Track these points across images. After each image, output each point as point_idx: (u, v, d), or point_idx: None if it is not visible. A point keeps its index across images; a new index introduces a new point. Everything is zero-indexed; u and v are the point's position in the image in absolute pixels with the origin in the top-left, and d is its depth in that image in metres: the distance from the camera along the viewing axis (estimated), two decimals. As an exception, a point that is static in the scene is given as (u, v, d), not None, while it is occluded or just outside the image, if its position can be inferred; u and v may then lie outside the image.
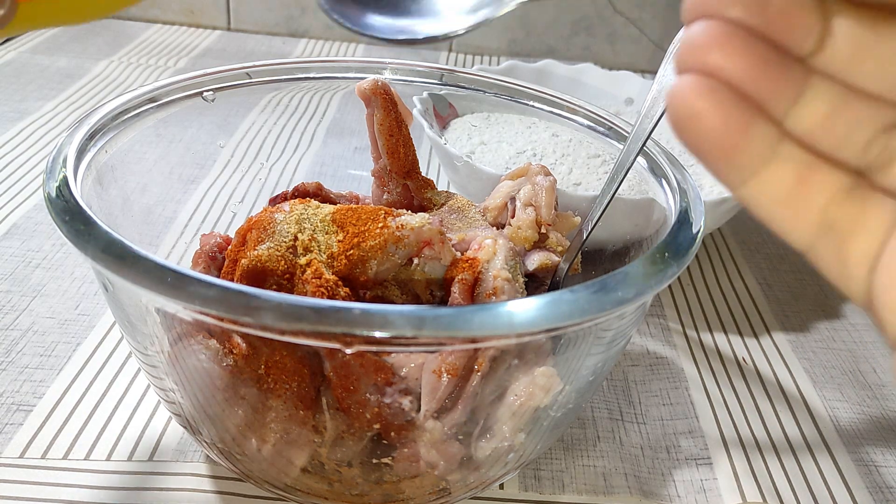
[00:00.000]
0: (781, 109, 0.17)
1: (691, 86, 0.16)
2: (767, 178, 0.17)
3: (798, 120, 0.17)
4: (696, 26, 0.16)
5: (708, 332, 0.51)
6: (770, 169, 0.17)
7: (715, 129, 0.16)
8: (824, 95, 0.17)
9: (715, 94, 0.16)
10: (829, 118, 0.17)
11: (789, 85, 0.17)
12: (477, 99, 0.48)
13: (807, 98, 0.17)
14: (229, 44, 0.96)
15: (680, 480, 0.39)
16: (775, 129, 0.17)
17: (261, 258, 0.32)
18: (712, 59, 0.16)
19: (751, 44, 0.16)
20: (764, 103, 0.17)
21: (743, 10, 0.16)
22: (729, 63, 0.16)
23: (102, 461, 0.37)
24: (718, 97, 0.16)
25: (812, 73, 0.17)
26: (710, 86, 0.16)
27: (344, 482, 0.31)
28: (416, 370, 0.29)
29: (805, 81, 0.17)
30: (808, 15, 0.16)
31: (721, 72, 0.16)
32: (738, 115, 0.16)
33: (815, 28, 0.16)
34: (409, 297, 0.33)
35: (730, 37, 0.16)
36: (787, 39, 0.16)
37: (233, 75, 0.41)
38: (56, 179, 0.29)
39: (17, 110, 0.71)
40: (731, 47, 0.16)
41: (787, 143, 0.17)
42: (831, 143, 0.17)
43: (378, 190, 0.41)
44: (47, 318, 0.45)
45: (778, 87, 0.17)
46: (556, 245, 0.37)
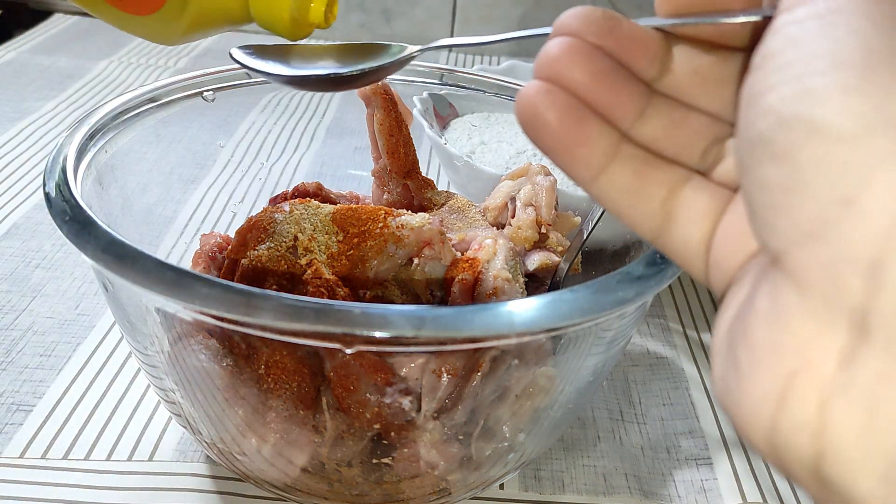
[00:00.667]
0: (626, 119, 0.20)
1: (534, 88, 0.19)
2: (612, 175, 0.20)
3: (643, 130, 0.20)
4: (553, 41, 0.19)
5: (708, 332, 0.51)
6: (613, 167, 0.20)
7: (551, 125, 0.19)
8: (666, 111, 0.20)
9: (551, 95, 0.19)
10: (670, 130, 0.20)
11: (632, 99, 0.20)
12: (477, 99, 0.48)
13: (650, 112, 0.20)
14: (229, 44, 0.96)
15: (680, 480, 0.39)
16: (615, 131, 0.19)
17: (261, 258, 0.32)
18: (556, 68, 0.19)
19: (594, 60, 0.19)
20: (604, 111, 0.19)
21: (596, 33, 0.19)
22: (570, 72, 0.19)
23: (102, 461, 0.37)
24: (554, 98, 0.19)
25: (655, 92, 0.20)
26: (549, 89, 0.19)
27: (344, 482, 0.31)
28: (416, 370, 0.29)
29: (649, 99, 0.20)
30: (651, 42, 0.20)
31: (562, 80, 0.19)
32: (574, 114, 0.19)
33: (657, 56, 0.20)
34: (409, 297, 0.33)
35: (576, 52, 0.19)
36: (633, 63, 0.20)
37: (233, 75, 0.41)
38: (56, 179, 0.29)
39: (17, 110, 0.71)
40: (574, 60, 0.19)
41: (628, 145, 0.20)
42: (673, 150, 0.20)
43: (378, 190, 0.41)
44: (47, 318, 0.45)
45: (619, 98, 0.19)
46: (556, 245, 0.37)
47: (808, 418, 0.15)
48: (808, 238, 0.15)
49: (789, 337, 0.15)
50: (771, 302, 0.16)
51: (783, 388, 0.15)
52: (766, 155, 0.15)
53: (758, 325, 0.16)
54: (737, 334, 0.17)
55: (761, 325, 0.16)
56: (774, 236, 0.15)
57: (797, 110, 0.15)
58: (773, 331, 0.15)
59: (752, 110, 0.16)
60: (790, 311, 0.15)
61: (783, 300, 0.15)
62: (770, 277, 0.16)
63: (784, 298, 0.15)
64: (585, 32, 0.19)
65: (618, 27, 0.19)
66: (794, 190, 0.15)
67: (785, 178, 0.15)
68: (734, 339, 0.17)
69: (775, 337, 0.15)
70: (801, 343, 0.15)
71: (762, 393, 0.15)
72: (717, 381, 0.17)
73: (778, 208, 0.15)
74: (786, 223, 0.15)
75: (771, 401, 0.15)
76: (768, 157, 0.15)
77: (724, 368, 0.17)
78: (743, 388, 0.16)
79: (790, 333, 0.15)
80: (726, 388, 0.17)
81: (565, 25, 0.19)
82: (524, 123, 0.19)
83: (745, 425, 0.16)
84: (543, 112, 0.19)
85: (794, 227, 0.15)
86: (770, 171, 0.15)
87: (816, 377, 0.15)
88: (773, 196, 0.15)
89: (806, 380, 0.15)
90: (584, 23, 0.19)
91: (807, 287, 0.15)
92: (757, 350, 0.16)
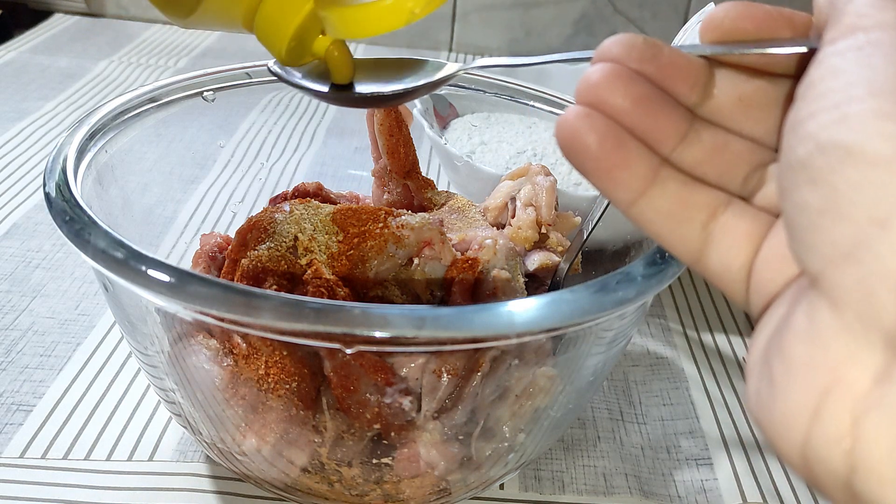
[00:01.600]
0: (667, 144, 0.20)
1: (574, 113, 0.19)
2: (651, 198, 0.20)
3: (684, 155, 0.20)
4: (594, 67, 0.20)
5: (708, 332, 0.51)
6: (653, 191, 0.20)
7: (590, 149, 0.19)
8: (708, 136, 0.20)
9: (591, 119, 0.19)
10: (712, 155, 0.20)
11: (672, 124, 0.20)
12: (477, 99, 0.48)
13: (692, 137, 0.20)
14: (229, 44, 0.96)
15: (680, 481, 0.39)
16: (655, 156, 0.20)
17: (261, 258, 0.32)
18: (597, 93, 0.19)
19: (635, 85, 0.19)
20: (645, 135, 0.20)
21: (637, 59, 0.19)
22: (610, 98, 0.19)
23: (102, 461, 0.37)
24: (594, 123, 0.19)
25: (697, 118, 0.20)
26: (589, 113, 0.19)
27: (344, 482, 0.31)
28: (416, 370, 0.29)
29: (690, 124, 0.20)
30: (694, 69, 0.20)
31: (602, 105, 0.19)
32: (614, 138, 0.19)
33: (699, 81, 0.20)
34: (409, 297, 0.33)
35: (617, 77, 0.19)
36: (674, 89, 0.20)
37: (233, 75, 0.41)
38: (56, 179, 0.29)
39: (17, 110, 0.71)
40: (615, 86, 0.19)
41: (669, 169, 0.20)
42: (714, 175, 0.21)
43: (378, 190, 0.41)
44: (47, 318, 0.45)
45: (659, 123, 0.20)
46: (556, 245, 0.37)
47: (842, 433, 0.15)
48: (844, 258, 0.15)
49: (825, 354, 0.16)
50: (808, 320, 0.16)
51: (818, 402, 0.16)
52: (804, 179, 0.16)
53: (795, 342, 0.16)
54: (773, 350, 0.17)
55: (798, 342, 0.16)
56: (812, 257, 0.16)
57: (834, 136, 0.15)
58: (810, 348, 0.16)
59: (793, 136, 0.16)
60: (827, 329, 0.16)
61: (820, 318, 0.16)
62: (808, 297, 0.16)
63: (821, 317, 0.16)
64: (626, 59, 0.19)
65: (659, 53, 0.20)
66: (830, 212, 0.15)
67: (822, 200, 0.15)
68: (770, 356, 0.17)
69: (811, 353, 0.16)
70: (836, 360, 0.15)
71: (797, 407, 0.16)
72: (752, 396, 0.18)
73: (815, 230, 0.16)
74: (822, 244, 0.16)
75: (805, 415, 0.16)
76: (806, 180, 0.16)
77: (758, 383, 0.18)
78: (777, 402, 0.17)
79: (826, 350, 0.15)
80: (760, 403, 0.17)
81: (606, 51, 0.20)
82: (564, 147, 0.20)
83: (777, 438, 0.17)
84: (583, 136, 0.19)
85: (830, 248, 0.15)
86: (808, 194, 0.16)
87: (851, 393, 0.15)
88: (811, 218, 0.16)
89: (840, 395, 0.15)
90: (625, 49, 0.20)
91: (842, 306, 0.15)
92: (793, 366, 0.16)
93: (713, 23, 0.20)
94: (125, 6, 1.00)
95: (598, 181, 0.20)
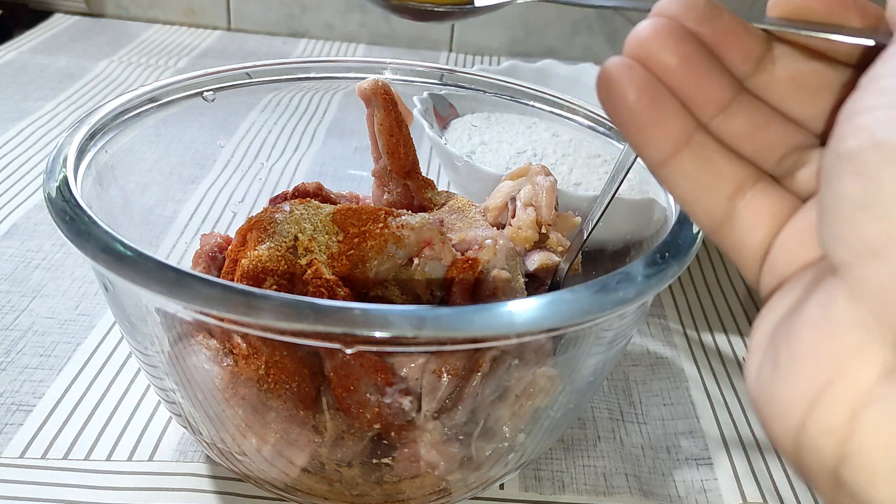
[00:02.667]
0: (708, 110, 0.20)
1: (617, 62, 0.19)
2: (681, 161, 0.19)
3: (725, 125, 0.20)
4: (647, 21, 0.19)
5: (708, 332, 0.51)
6: (684, 154, 0.19)
7: (627, 100, 0.19)
8: (751, 110, 0.20)
9: (632, 71, 0.19)
10: (752, 130, 0.20)
11: (718, 91, 0.19)
12: (477, 99, 0.48)
13: (735, 109, 0.20)
14: (229, 44, 0.96)
15: (680, 481, 0.39)
16: (691, 118, 0.19)
17: (261, 258, 0.32)
18: (646, 48, 0.19)
19: (686, 44, 0.19)
20: (687, 97, 0.19)
21: (696, 20, 0.19)
22: (658, 53, 0.19)
23: (102, 461, 0.37)
24: (635, 75, 0.19)
25: (744, 90, 0.20)
26: (631, 65, 0.19)
27: (344, 482, 0.31)
28: (416, 370, 0.29)
29: (736, 95, 0.20)
30: (752, 39, 0.20)
31: (649, 59, 0.19)
32: (651, 93, 0.19)
33: (754, 53, 0.20)
34: (409, 297, 0.33)
35: (669, 33, 0.19)
36: (727, 56, 0.20)
37: (233, 75, 0.41)
38: (56, 179, 0.29)
39: (17, 110, 0.71)
40: (665, 42, 0.19)
41: (703, 134, 0.19)
42: (750, 151, 0.20)
43: (378, 190, 0.41)
44: (47, 318, 0.45)
45: (704, 88, 0.19)
46: (556, 245, 0.37)
47: (838, 422, 0.15)
48: (873, 255, 0.15)
49: (834, 344, 0.16)
50: (822, 309, 0.16)
51: (819, 390, 0.16)
52: (850, 169, 0.16)
53: (805, 329, 0.16)
54: (781, 334, 0.17)
55: (809, 330, 0.16)
56: (840, 247, 0.16)
57: (888, 134, 0.15)
58: (820, 336, 0.16)
59: (846, 126, 0.16)
60: (840, 319, 0.16)
61: (835, 308, 0.16)
62: (826, 286, 0.16)
63: (837, 307, 0.16)
64: (684, 17, 0.19)
65: (718, 17, 0.19)
66: (868, 206, 0.15)
67: (863, 194, 0.15)
68: (777, 339, 0.17)
69: (821, 342, 0.16)
70: (844, 351, 0.16)
71: (797, 392, 0.16)
72: (752, 376, 0.18)
73: (850, 221, 0.16)
74: (854, 237, 0.16)
75: (804, 401, 0.16)
76: (851, 171, 0.16)
77: (760, 364, 0.18)
78: (778, 386, 0.17)
79: (835, 341, 0.16)
80: (760, 383, 0.17)
81: (665, 7, 0.19)
82: (601, 96, 0.19)
83: (772, 420, 0.17)
84: (622, 86, 0.19)
85: (861, 242, 0.15)
86: (850, 186, 0.16)
87: (854, 385, 0.15)
88: (848, 210, 0.16)
89: (843, 386, 0.15)
90: (685, 8, 0.19)
91: (861, 300, 0.15)
92: (800, 352, 0.16)
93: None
94: (125, 6, 1.00)
95: (630, 135, 0.20)
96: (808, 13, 0.19)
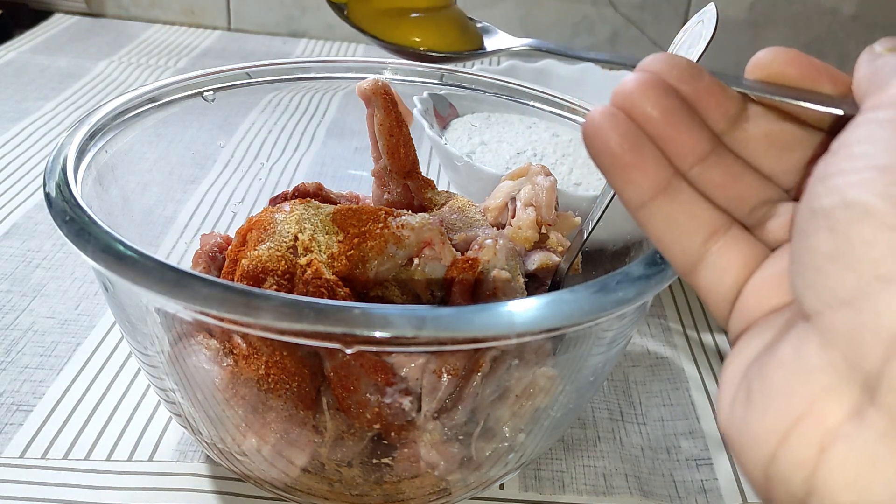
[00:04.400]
0: (686, 161, 0.21)
1: (602, 109, 0.20)
2: (660, 205, 0.21)
3: (701, 176, 0.21)
4: (632, 75, 0.20)
5: (708, 332, 0.51)
6: (663, 199, 0.21)
7: (609, 144, 0.20)
8: (726, 164, 0.21)
9: (615, 118, 0.20)
10: (727, 182, 0.21)
11: (696, 143, 0.21)
12: (477, 99, 0.48)
13: (711, 161, 0.21)
14: (229, 44, 0.96)
15: (680, 481, 0.39)
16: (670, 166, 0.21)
17: (261, 258, 0.32)
18: (630, 99, 0.20)
19: (667, 98, 0.20)
20: (666, 147, 0.20)
21: (677, 78, 0.20)
22: (641, 105, 0.20)
23: (102, 461, 0.36)
24: (618, 122, 0.20)
25: (720, 144, 0.21)
26: (615, 113, 0.20)
27: (344, 482, 0.31)
28: (416, 370, 0.29)
29: (713, 148, 0.21)
30: (729, 100, 0.21)
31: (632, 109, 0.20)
32: (633, 139, 0.20)
33: (730, 112, 0.21)
34: (409, 297, 0.33)
35: (652, 87, 0.20)
36: (705, 113, 0.21)
37: (233, 75, 0.41)
38: (56, 179, 0.29)
39: (17, 110, 0.71)
40: (648, 95, 0.20)
41: (681, 182, 0.21)
42: (724, 201, 0.21)
43: (378, 190, 0.41)
44: (47, 318, 0.45)
45: (682, 139, 0.20)
46: (556, 245, 0.37)
47: (807, 457, 0.16)
48: (843, 305, 0.16)
49: (805, 383, 0.17)
50: (795, 351, 0.17)
51: (790, 425, 0.17)
52: (823, 225, 0.17)
53: (778, 368, 0.17)
54: (754, 372, 0.18)
55: (782, 369, 0.17)
56: (812, 296, 0.17)
57: (859, 195, 0.16)
58: (792, 375, 0.17)
59: (820, 186, 0.18)
60: (811, 361, 0.17)
61: (806, 352, 0.17)
62: (798, 330, 0.18)
63: (807, 350, 0.17)
64: (667, 75, 0.20)
65: (699, 77, 0.21)
66: (839, 260, 0.16)
67: (834, 248, 0.17)
68: (751, 375, 0.18)
69: (792, 381, 0.17)
70: (815, 391, 0.17)
71: (770, 426, 0.17)
72: (724, 410, 0.19)
73: (821, 274, 0.17)
74: (825, 288, 0.17)
75: (775, 435, 0.17)
76: (825, 227, 0.17)
77: (733, 399, 0.19)
78: (751, 419, 0.18)
79: (807, 381, 0.17)
80: (733, 417, 0.19)
81: (649, 64, 0.21)
82: (587, 140, 0.21)
83: (744, 452, 0.18)
84: (605, 132, 0.20)
85: (831, 293, 0.16)
86: (822, 240, 0.17)
87: (822, 423, 0.16)
88: (820, 262, 0.17)
89: (812, 424, 0.16)
90: (668, 66, 0.21)
91: (831, 346, 0.16)
92: (772, 389, 0.17)
93: (761, 62, 0.21)
94: (125, 6, 1.00)
95: (613, 178, 0.21)
96: (783, 78, 0.21)
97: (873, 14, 0.97)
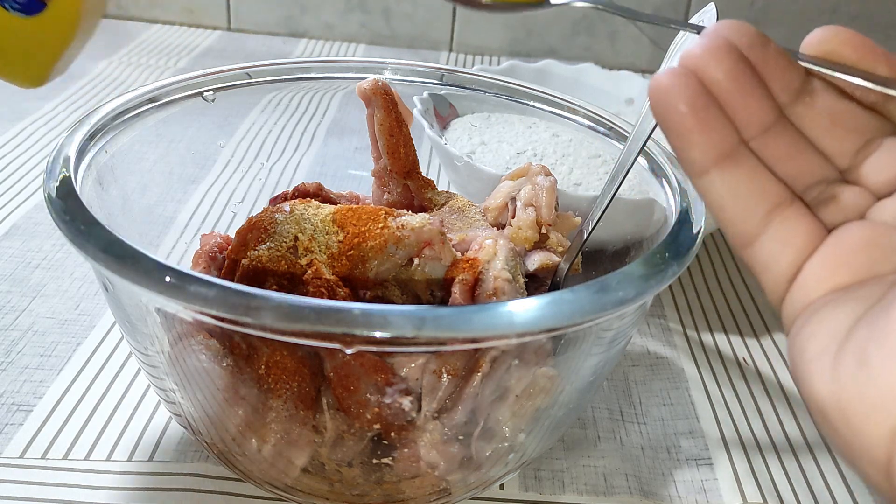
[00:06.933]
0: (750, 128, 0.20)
1: (670, 71, 0.20)
2: (724, 173, 0.20)
3: (763, 147, 0.21)
4: (702, 39, 0.20)
5: (708, 332, 0.51)
6: (727, 165, 0.20)
7: (677, 106, 0.20)
8: (788, 138, 0.21)
9: (685, 79, 0.20)
10: (786, 157, 0.21)
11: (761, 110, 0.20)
12: (477, 99, 0.48)
13: (774, 133, 0.21)
14: (229, 44, 0.96)
15: (680, 481, 0.39)
16: (736, 133, 0.20)
17: (261, 258, 0.32)
18: (699, 62, 0.20)
19: (736, 63, 0.20)
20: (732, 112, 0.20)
21: (746, 45, 0.20)
22: (710, 68, 0.20)
23: (102, 461, 0.36)
24: (687, 83, 0.20)
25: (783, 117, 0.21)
26: (684, 74, 0.20)
27: (344, 482, 0.31)
28: (416, 370, 0.29)
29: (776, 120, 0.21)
30: (793, 71, 0.21)
31: (701, 72, 0.20)
32: (701, 102, 0.20)
33: (793, 85, 0.21)
34: (409, 298, 0.33)
35: (721, 51, 0.20)
36: (770, 83, 0.21)
37: (233, 75, 0.41)
38: (56, 180, 0.29)
39: (16, 110, 0.71)
40: (717, 59, 0.20)
41: (746, 150, 0.20)
42: (783, 176, 0.21)
43: (378, 190, 0.41)
44: (47, 318, 0.45)
45: (749, 105, 0.20)
46: (556, 245, 0.37)
47: None
48: None
49: None
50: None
51: None
52: None
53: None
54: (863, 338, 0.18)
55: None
56: None
57: None
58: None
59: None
60: None
61: None
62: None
63: None
64: (736, 40, 0.20)
65: (766, 46, 0.20)
66: None
67: None
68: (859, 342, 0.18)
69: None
70: None
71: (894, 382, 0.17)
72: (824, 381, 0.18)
73: None
74: None
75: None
76: None
77: (834, 369, 0.18)
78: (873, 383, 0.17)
79: None
80: (842, 385, 0.18)
81: (718, 29, 0.20)
82: (654, 103, 0.20)
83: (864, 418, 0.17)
84: (672, 93, 0.20)
85: None
86: None
87: None
88: None
89: None
90: (737, 32, 0.20)
91: None
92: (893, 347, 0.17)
93: (818, 39, 0.21)
94: (125, 6, 1.00)
95: (677, 141, 0.20)
96: (839, 58, 0.21)
97: (873, 14, 0.97)
